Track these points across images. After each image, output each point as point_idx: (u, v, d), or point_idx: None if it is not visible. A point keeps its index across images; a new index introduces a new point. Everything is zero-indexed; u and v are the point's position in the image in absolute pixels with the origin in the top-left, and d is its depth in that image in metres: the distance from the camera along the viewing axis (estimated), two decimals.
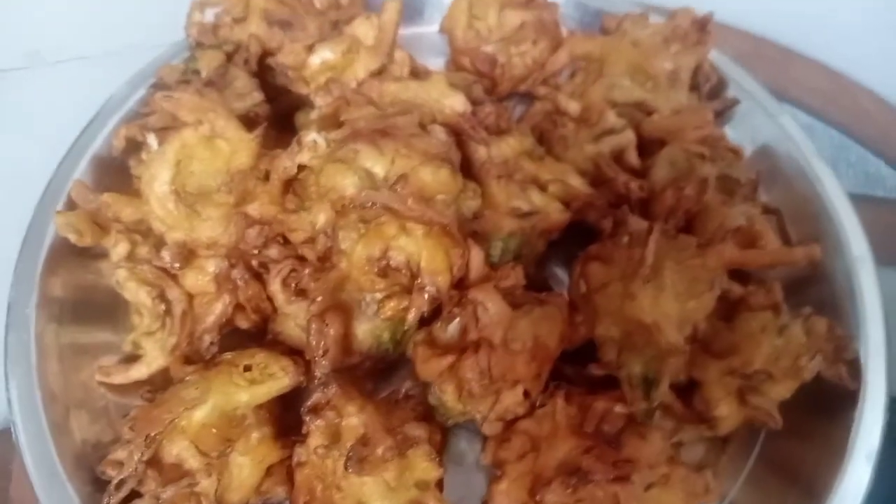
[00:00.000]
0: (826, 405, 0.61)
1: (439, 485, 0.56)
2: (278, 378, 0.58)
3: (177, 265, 0.60)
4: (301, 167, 0.59)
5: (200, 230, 0.59)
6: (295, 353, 0.62)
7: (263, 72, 0.73)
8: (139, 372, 0.63)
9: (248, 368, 0.58)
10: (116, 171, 0.70)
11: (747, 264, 0.62)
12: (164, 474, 0.54)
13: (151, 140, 0.68)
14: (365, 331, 0.61)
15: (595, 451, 0.55)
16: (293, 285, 0.62)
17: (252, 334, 0.66)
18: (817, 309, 0.61)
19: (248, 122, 0.66)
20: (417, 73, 0.74)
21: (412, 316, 0.56)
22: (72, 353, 0.65)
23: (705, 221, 0.67)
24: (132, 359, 0.64)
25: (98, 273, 0.69)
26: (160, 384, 0.61)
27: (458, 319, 0.58)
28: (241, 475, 0.56)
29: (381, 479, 0.53)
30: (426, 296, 0.56)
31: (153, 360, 0.63)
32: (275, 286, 0.62)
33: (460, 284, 0.59)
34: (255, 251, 0.61)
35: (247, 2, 0.74)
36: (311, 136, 0.58)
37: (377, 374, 0.65)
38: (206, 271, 0.61)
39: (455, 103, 0.68)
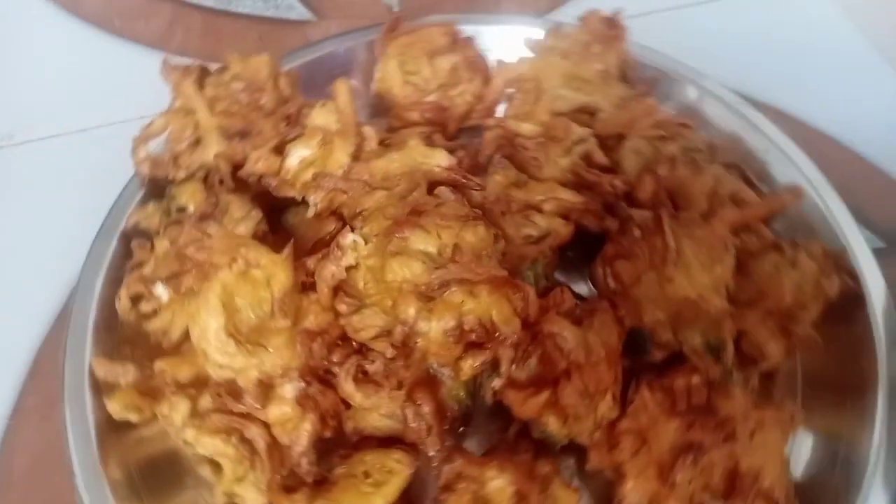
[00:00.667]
0: (841, 314, 0.70)
1: None
2: (399, 471, 0.59)
3: (258, 406, 0.59)
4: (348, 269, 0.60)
5: (270, 362, 0.59)
6: (390, 442, 0.64)
7: (238, 186, 0.73)
8: None
9: (367, 475, 0.59)
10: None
11: (747, 220, 0.70)
12: None
13: (161, 291, 0.67)
14: (443, 396, 0.63)
15: (696, 423, 0.61)
16: (366, 378, 0.63)
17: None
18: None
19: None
20: (383, 142, 0.76)
21: (504, 367, 0.59)
22: None
23: (686, 194, 0.75)
24: None
25: (150, 441, 0.67)
26: None
27: (533, 357, 0.62)
28: None
29: None
30: (510, 347, 0.59)
31: (254, 502, 0.62)
32: (348, 386, 0.63)
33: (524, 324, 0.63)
34: (325, 362, 0.62)
35: (194, 124, 0.74)
36: (350, 238, 0.59)
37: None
38: (285, 398, 0.61)
39: (440, 160, 0.71)
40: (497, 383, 0.65)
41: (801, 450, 0.68)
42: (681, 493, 0.59)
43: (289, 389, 0.60)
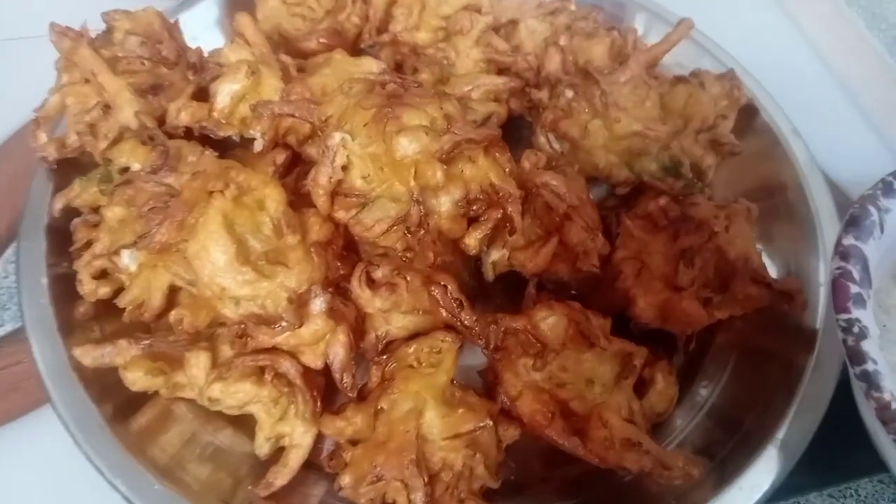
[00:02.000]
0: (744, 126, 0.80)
1: None
2: (448, 348, 0.60)
3: (297, 324, 0.56)
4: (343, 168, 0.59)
5: (295, 279, 0.56)
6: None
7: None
8: (299, 456, 0.59)
9: (419, 361, 0.59)
10: None
11: (656, 56, 0.76)
12: None
13: (128, 260, 0.62)
14: None
15: (680, 231, 0.67)
16: (378, 283, 0.63)
17: None
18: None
19: None
20: (304, 68, 0.75)
21: (517, 221, 0.61)
22: None
23: (590, 57, 0.81)
24: (280, 451, 0.60)
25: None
26: None
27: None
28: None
29: None
30: (518, 202, 0.61)
31: (304, 434, 0.59)
32: (364, 293, 0.62)
33: None
34: (341, 272, 0.60)
35: (97, 90, 0.67)
36: (338, 137, 0.58)
37: None
38: (315, 314, 0.58)
39: (371, 66, 0.72)
40: (498, 255, 0.67)
41: None
42: (688, 294, 0.65)
43: (317, 304, 0.58)
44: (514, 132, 0.80)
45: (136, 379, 0.57)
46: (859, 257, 0.56)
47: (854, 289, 0.55)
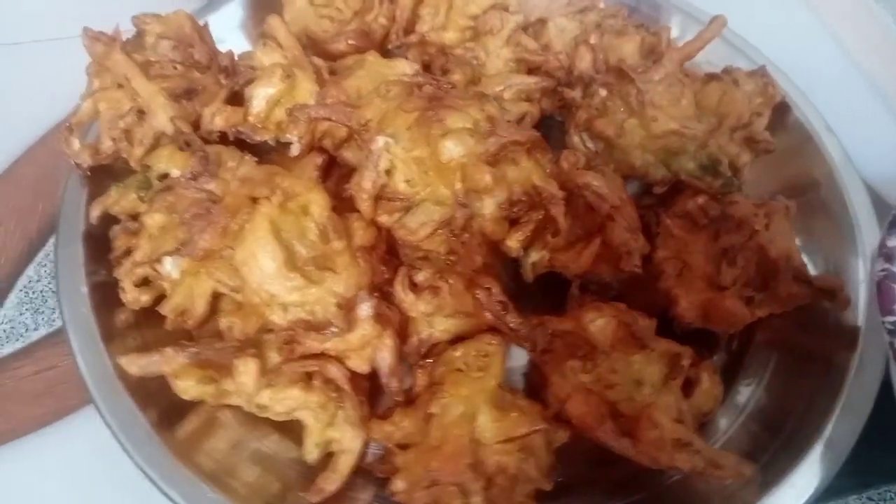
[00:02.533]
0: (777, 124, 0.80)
1: None
2: (496, 351, 0.59)
3: (346, 329, 0.56)
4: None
5: (343, 284, 0.56)
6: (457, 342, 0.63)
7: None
8: (350, 462, 0.59)
9: (468, 365, 0.59)
10: None
11: (690, 53, 0.76)
12: None
13: (170, 267, 0.61)
14: None
15: (721, 230, 0.67)
16: (421, 287, 0.62)
17: None
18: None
19: None
20: (335, 70, 0.74)
21: (562, 223, 0.61)
22: None
23: (621, 56, 0.81)
24: (329, 456, 0.60)
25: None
26: None
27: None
28: None
29: None
30: (562, 203, 0.61)
31: (353, 439, 0.59)
32: (408, 297, 0.61)
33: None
34: (386, 276, 0.60)
35: (131, 95, 0.67)
36: (381, 141, 0.57)
37: None
38: (362, 319, 0.58)
39: (404, 68, 0.71)
40: (538, 256, 0.67)
41: None
42: (731, 293, 0.65)
43: (364, 309, 0.57)
44: (544, 132, 0.80)
45: (188, 388, 0.56)
46: None
47: None
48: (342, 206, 0.60)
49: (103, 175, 0.69)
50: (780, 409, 0.65)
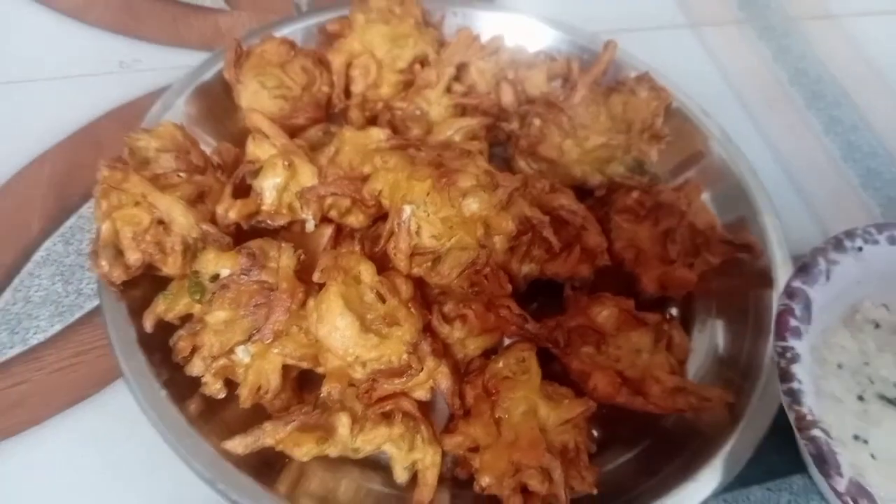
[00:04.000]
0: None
1: None
2: (529, 355, 0.73)
3: (420, 367, 0.67)
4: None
5: (408, 334, 0.67)
6: (489, 355, 0.77)
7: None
8: (435, 474, 0.71)
9: (513, 372, 0.72)
10: None
11: (596, 76, 0.92)
12: None
13: (242, 354, 0.70)
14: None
15: (659, 216, 0.84)
16: (449, 317, 0.75)
17: None
18: None
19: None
20: (314, 147, 0.84)
21: (554, 241, 0.75)
22: None
23: (534, 84, 0.96)
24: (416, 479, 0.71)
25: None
26: None
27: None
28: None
29: None
30: (549, 226, 0.75)
31: (434, 455, 0.70)
32: (444, 328, 0.74)
33: None
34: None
35: (149, 209, 0.73)
36: (408, 210, 0.69)
37: None
38: (425, 356, 0.69)
39: (379, 135, 0.82)
40: (528, 268, 0.81)
41: None
42: (678, 264, 0.82)
43: (424, 348, 0.69)
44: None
45: (309, 451, 0.65)
46: (803, 297, 0.71)
47: (793, 322, 0.69)
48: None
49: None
50: (732, 347, 0.84)
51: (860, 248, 0.74)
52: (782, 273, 0.84)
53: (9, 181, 0.94)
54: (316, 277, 0.66)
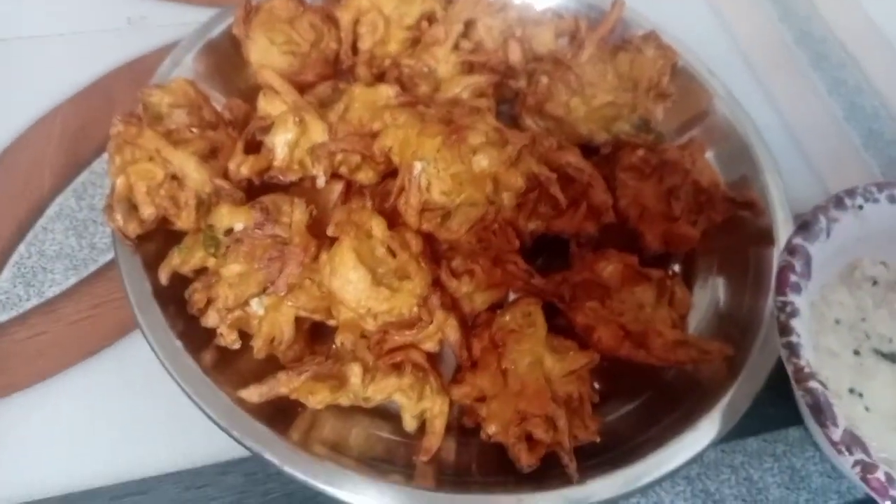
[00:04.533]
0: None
1: None
2: (535, 310, 0.74)
3: (430, 319, 0.69)
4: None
5: (419, 288, 0.69)
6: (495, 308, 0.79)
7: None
8: (443, 422, 0.73)
9: (520, 325, 0.74)
10: None
11: (604, 33, 0.93)
12: None
13: (256, 307, 0.72)
14: None
15: (664, 173, 0.85)
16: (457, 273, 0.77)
17: None
18: None
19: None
20: (324, 104, 0.84)
21: (561, 198, 0.77)
22: None
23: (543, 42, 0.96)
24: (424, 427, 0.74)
25: None
26: None
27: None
28: None
29: None
30: (556, 183, 0.76)
31: (442, 404, 0.72)
32: (453, 283, 0.75)
33: None
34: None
35: (163, 164, 0.74)
36: (419, 166, 0.70)
37: None
38: (435, 309, 0.71)
39: (388, 92, 0.82)
40: (534, 225, 0.82)
41: None
42: (682, 222, 0.84)
43: (434, 301, 0.71)
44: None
45: (323, 399, 0.68)
46: (804, 254, 0.72)
47: (793, 278, 0.70)
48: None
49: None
50: (732, 301, 0.86)
51: (860, 207, 0.76)
52: (783, 231, 0.86)
53: (20, 136, 0.95)
54: (330, 231, 0.67)
